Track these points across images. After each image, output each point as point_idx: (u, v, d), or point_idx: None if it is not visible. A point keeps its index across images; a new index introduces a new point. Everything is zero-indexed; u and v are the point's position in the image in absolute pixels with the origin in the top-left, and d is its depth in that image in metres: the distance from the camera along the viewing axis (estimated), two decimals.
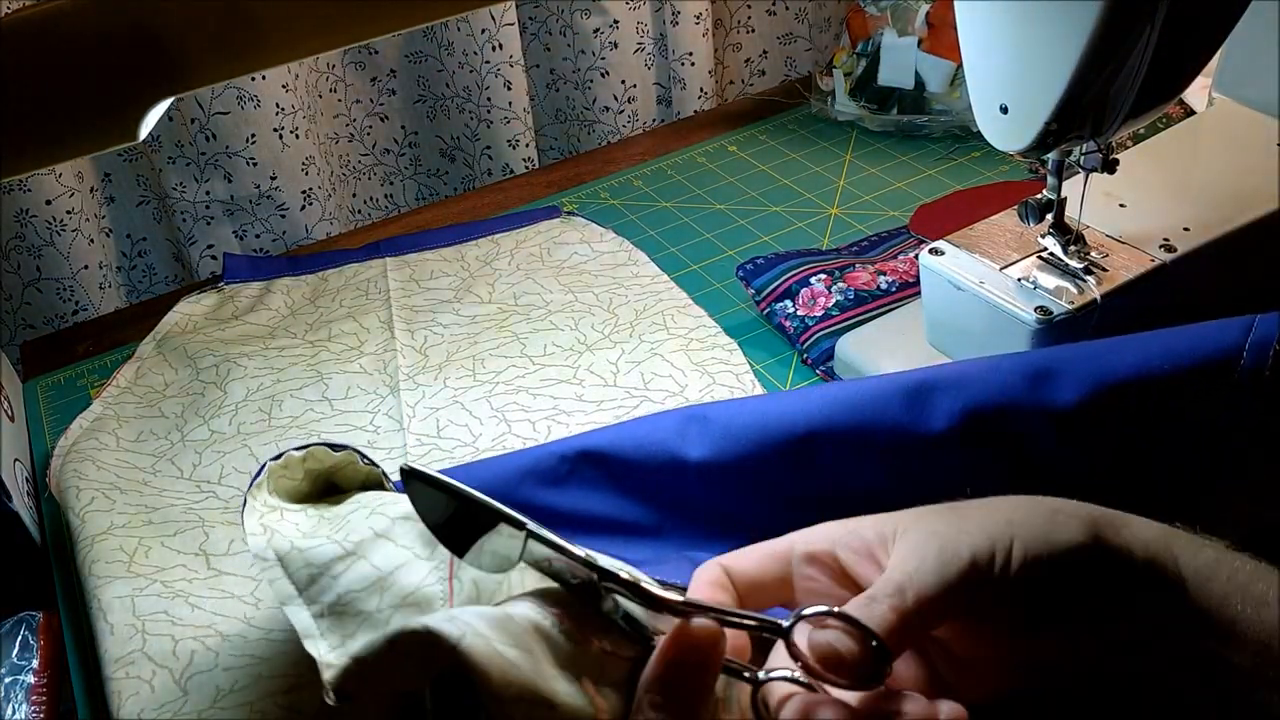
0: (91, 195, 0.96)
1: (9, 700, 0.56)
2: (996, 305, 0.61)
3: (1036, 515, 0.39)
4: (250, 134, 0.95)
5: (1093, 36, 0.51)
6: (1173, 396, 0.51)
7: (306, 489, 0.54)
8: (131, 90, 0.46)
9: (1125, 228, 0.64)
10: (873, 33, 0.97)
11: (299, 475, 0.53)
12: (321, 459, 0.53)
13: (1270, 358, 0.50)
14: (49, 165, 0.85)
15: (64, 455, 0.71)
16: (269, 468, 0.51)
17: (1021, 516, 0.39)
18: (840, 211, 0.90)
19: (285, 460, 0.52)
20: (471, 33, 1.03)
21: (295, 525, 0.50)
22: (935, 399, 0.53)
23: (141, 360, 0.80)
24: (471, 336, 0.78)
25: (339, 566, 0.46)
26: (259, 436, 0.71)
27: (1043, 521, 0.38)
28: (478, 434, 0.69)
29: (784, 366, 0.74)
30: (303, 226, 1.01)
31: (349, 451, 0.53)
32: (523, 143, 1.08)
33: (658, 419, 0.58)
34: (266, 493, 0.52)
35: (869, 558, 0.41)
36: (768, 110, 1.05)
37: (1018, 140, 0.58)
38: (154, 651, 0.55)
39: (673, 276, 0.83)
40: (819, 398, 0.55)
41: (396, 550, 0.47)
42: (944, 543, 0.38)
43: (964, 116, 0.95)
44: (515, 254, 0.87)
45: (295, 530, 0.49)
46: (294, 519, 0.51)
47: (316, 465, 0.54)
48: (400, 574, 0.46)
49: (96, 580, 0.60)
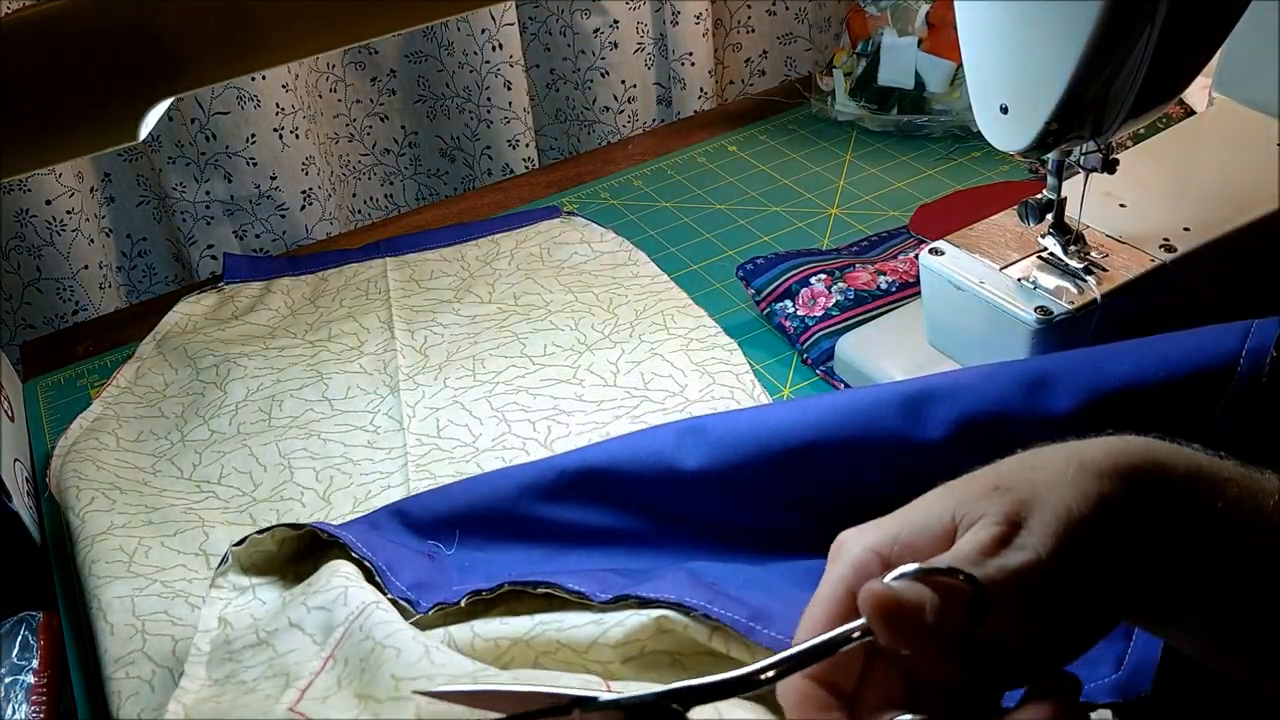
0: (91, 195, 0.96)
1: (9, 700, 0.56)
2: (996, 305, 0.61)
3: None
4: (250, 134, 0.95)
5: (1093, 36, 0.51)
6: (1169, 404, 0.51)
7: (288, 552, 0.58)
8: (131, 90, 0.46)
9: (1125, 228, 0.64)
10: (873, 33, 0.97)
11: (270, 547, 0.58)
12: (288, 533, 0.58)
13: (1267, 364, 0.50)
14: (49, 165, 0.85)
15: (64, 455, 0.71)
16: (233, 552, 0.56)
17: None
18: (840, 211, 0.90)
19: (251, 541, 0.56)
20: (471, 33, 1.03)
21: (251, 614, 0.54)
22: (932, 408, 0.53)
23: (141, 360, 0.80)
24: (471, 336, 0.78)
25: (248, 655, 0.52)
26: (259, 436, 0.71)
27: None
28: (478, 434, 0.69)
29: (784, 366, 0.74)
30: (303, 226, 1.01)
31: (309, 529, 0.57)
32: (523, 143, 1.08)
33: (655, 431, 0.59)
34: (236, 574, 0.57)
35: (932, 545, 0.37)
36: (768, 110, 1.05)
37: (1018, 140, 0.58)
38: (154, 651, 0.55)
39: (673, 276, 0.83)
40: (816, 407, 0.55)
41: (300, 638, 0.51)
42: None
43: (964, 116, 0.95)
44: (515, 254, 0.87)
45: (249, 619, 0.54)
46: (265, 596, 0.56)
47: (286, 535, 0.58)
48: (289, 657, 0.50)
49: (96, 580, 0.60)
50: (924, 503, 0.38)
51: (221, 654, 0.52)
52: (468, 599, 0.53)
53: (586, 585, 0.52)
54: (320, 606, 0.52)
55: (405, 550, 0.57)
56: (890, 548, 0.37)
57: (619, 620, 0.50)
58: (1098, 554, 0.35)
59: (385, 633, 0.49)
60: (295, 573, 0.57)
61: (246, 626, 0.53)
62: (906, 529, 0.37)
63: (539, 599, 0.53)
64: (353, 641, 0.50)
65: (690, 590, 0.50)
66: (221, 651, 0.52)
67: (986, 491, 0.37)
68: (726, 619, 0.49)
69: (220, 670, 0.51)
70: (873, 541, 0.37)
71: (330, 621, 0.51)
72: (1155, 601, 0.37)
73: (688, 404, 0.69)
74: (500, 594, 0.53)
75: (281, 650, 0.51)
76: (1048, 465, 0.37)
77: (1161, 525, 0.36)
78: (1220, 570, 0.36)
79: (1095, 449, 0.37)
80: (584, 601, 0.51)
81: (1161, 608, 0.37)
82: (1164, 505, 0.36)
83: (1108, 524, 0.35)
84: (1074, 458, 0.37)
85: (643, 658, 0.50)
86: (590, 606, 0.51)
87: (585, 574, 0.54)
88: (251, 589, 0.56)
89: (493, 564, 0.57)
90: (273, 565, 0.58)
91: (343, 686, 0.48)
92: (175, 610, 0.57)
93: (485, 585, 0.53)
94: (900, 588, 0.33)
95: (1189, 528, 0.36)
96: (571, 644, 0.50)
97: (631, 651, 0.49)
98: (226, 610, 0.54)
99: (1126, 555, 0.35)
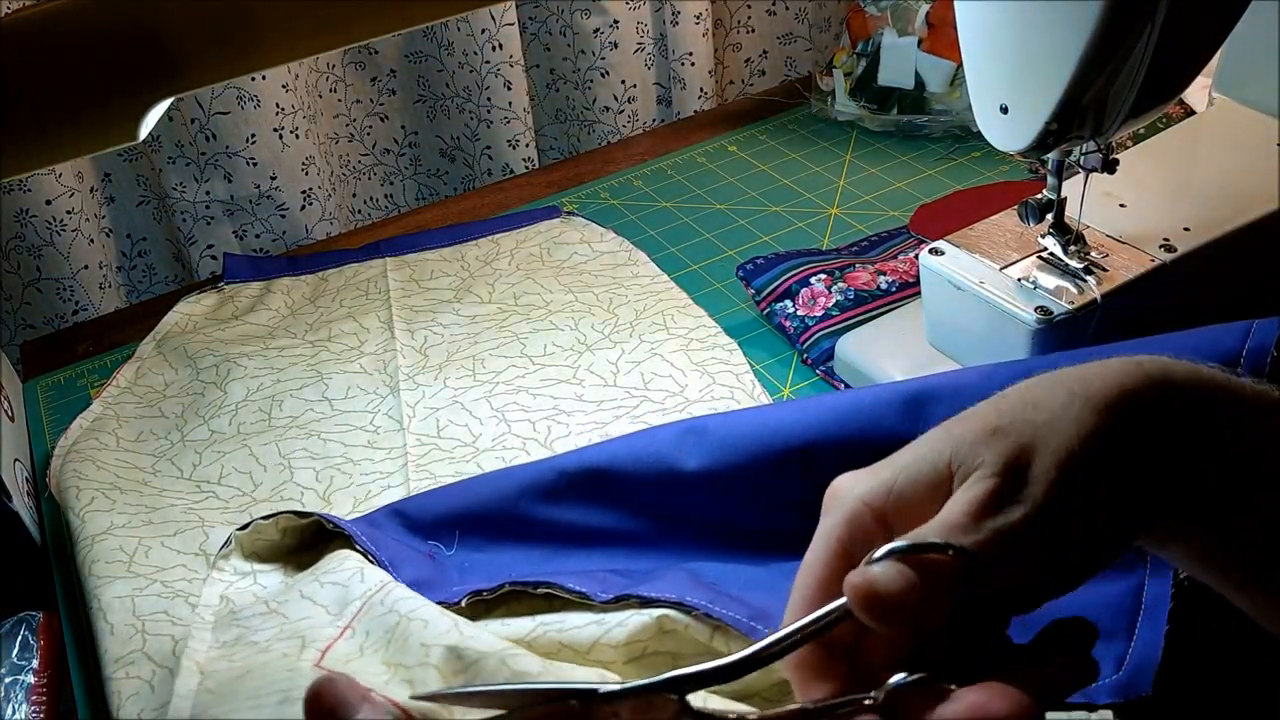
0: (91, 195, 0.96)
1: (9, 700, 0.56)
2: (996, 305, 0.61)
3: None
4: (250, 134, 0.95)
5: (1093, 36, 0.51)
6: None
7: (291, 542, 0.58)
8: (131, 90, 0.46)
9: (1125, 228, 0.64)
10: (873, 33, 0.97)
11: (273, 534, 0.57)
12: (292, 520, 0.57)
13: (1267, 364, 0.50)
14: (49, 165, 0.85)
15: (64, 455, 0.71)
16: (236, 536, 0.56)
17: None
18: (840, 211, 0.90)
19: (255, 527, 0.56)
20: (471, 33, 1.03)
21: (255, 594, 0.54)
22: (931, 408, 0.53)
23: (141, 360, 0.80)
24: (471, 336, 0.78)
25: (256, 622, 0.51)
26: (259, 436, 0.71)
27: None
28: (478, 434, 0.69)
29: (784, 366, 0.74)
30: (303, 226, 1.01)
31: (315, 518, 0.56)
32: (523, 143, 1.08)
33: (655, 432, 0.59)
34: (239, 558, 0.56)
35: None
36: (768, 110, 1.05)
37: (1018, 140, 0.58)
38: (154, 651, 0.55)
39: (673, 276, 0.83)
40: (816, 408, 0.55)
41: (313, 608, 0.51)
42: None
43: (964, 116, 0.95)
44: (515, 254, 0.87)
45: (252, 598, 0.54)
46: (267, 582, 0.55)
47: (290, 523, 0.57)
48: (303, 622, 0.50)
49: (96, 580, 0.60)
50: (921, 445, 0.37)
51: (227, 621, 0.52)
52: (468, 599, 0.53)
53: (587, 585, 0.52)
54: (334, 582, 0.52)
55: (406, 549, 0.57)
56: (885, 499, 0.36)
57: (620, 620, 0.50)
58: (1095, 486, 0.34)
59: (409, 606, 0.50)
60: (297, 562, 0.57)
61: (251, 602, 0.53)
62: (903, 476, 0.36)
63: (539, 599, 0.53)
64: (373, 615, 0.50)
65: (691, 590, 0.50)
66: (227, 619, 0.52)
67: (985, 435, 0.35)
68: (728, 619, 0.49)
69: (227, 633, 0.51)
70: (866, 492, 0.36)
71: (345, 596, 0.51)
72: (1167, 518, 0.35)
73: (688, 404, 0.69)
74: (501, 594, 0.53)
75: (294, 617, 0.51)
76: (1049, 402, 0.35)
77: (1168, 443, 0.35)
78: (1235, 485, 0.35)
79: (1100, 380, 0.35)
80: (585, 602, 0.51)
81: (1172, 525, 0.36)
82: (1170, 423, 0.35)
83: (1107, 455, 0.34)
84: (1078, 392, 0.35)
85: (645, 658, 0.49)
86: (591, 607, 0.51)
87: (586, 574, 0.54)
88: (253, 574, 0.56)
89: (493, 564, 0.57)
90: (275, 554, 0.58)
91: (365, 654, 0.48)
92: (175, 610, 0.57)
93: (486, 585, 0.53)
94: (881, 578, 0.32)
95: (1201, 442, 0.35)
96: (573, 645, 0.50)
97: (634, 652, 0.49)
98: (228, 590, 0.55)
99: (1128, 480, 0.34)
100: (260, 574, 0.56)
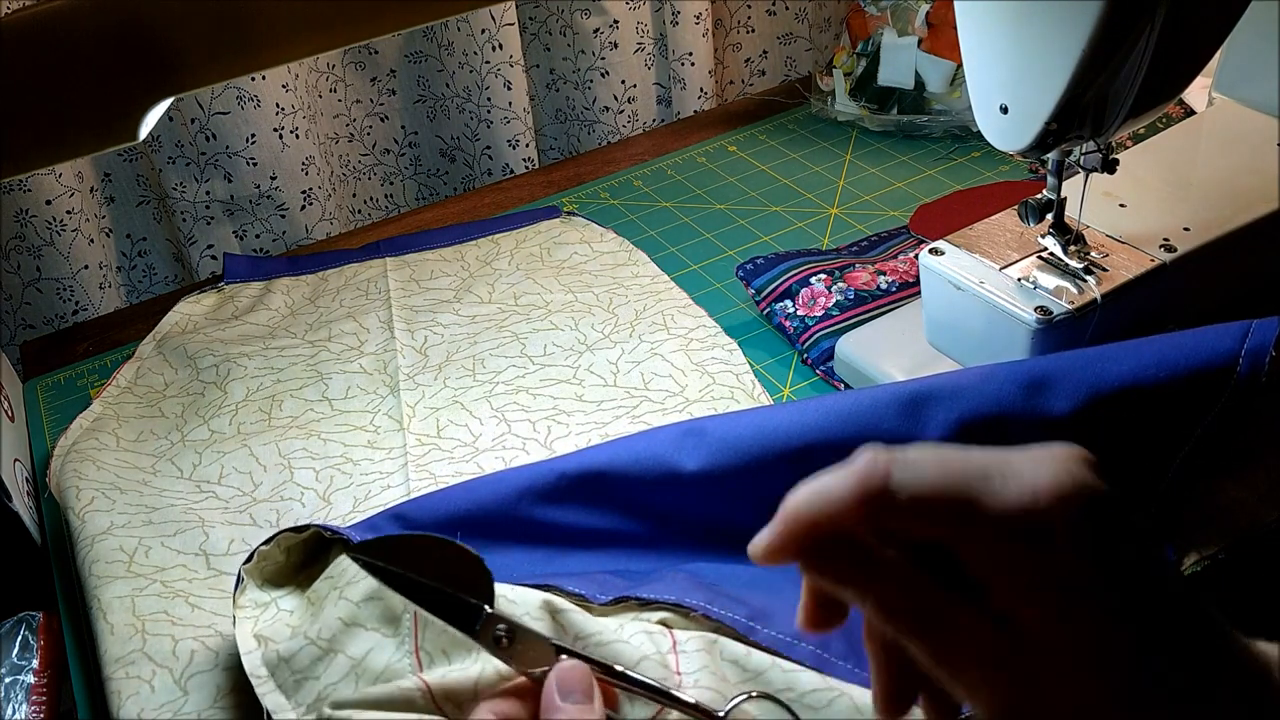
0: (91, 195, 0.96)
1: (9, 700, 0.56)
2: (996, 305, 0.61)
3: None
4: (250, 134, 0.95)
5: (1093, 36, 0.51)
6: (1168, 404, 0.51)
7: (296, 560, 0.58)
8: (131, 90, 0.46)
9: (1125, 228, 0.64)
10: (873, 33, 0.97)
11: (278, 556, 0.57)
12: (292, 538, 0.57)
13: (1267, 364, 0.50)
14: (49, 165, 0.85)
15: (64, 455, 0.71)
16: (245, 570, 0.55)
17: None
18: (840, 211, 0.90)
19: (259, 554, 0.55)
20: (471, 33, 1.03)
21: (285, 623, 0.53)
22: (931, 409, 0.53)
23: (141, 360, 0.80)
24: (471, 336, 0.78)
25: (319, 668, 0.50)
26: (259, 436, 0.71)
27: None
28: (478, 434, 0.69)
29: (784, 366, 0.74)
30: (303, 226, 1.01)
31: (313, 530, 0.56)
32: (523, 143, 1.08)
33: (654, 434, 0.58)
34: (255, 589, 0.55)
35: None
36: (768, 110, 1.05)
37: (1018, 140, 0.58)
38: (154, 651, 0.55)
39: (673, 276, 0.83)
40: (816, 409, 0.55)
41: (366, 635, 0.50)
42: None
43: (964, 116, 0.95)
44: (515, 254, 0.87)
45: (286, 629, 0.53)
46: (288, 605, 0.54)
47: (291, 541, 0.57)
48: (371, 658, 0.49)
49: (96, 580, 0.60)
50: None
51: (289, 678, 0.50)
52: None
53: (586, 587, 0.52)
54: (369, 597, 0.51)
55: None
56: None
57: (619, 625, 0.50)
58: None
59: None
60: (308, 575, 0.57)
61: (289, 639, 0.52)
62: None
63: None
64: (433, 630, 0.49)
65: (690, 591, 0.50)
66: (286, 675, 0.50)
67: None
68: (726, 619, 0.49)
69: (306, 694, 0.50)
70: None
71: (386, 611, 0.50)
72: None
73: (688, 404, 0.69)
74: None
75: (358, 655, 0.49)
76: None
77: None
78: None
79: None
80: (584, 604, 0.51)
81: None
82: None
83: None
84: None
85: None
86: (590, 609, 0.51)
87: (585, 576, 0.54)
88: (273, 602, 0.55)
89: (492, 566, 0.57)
90: (284, 576, 0.57)
91: (437, 665, 0.48)
92: (175, 610, 0.57)
93: None
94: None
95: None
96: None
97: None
98: (258, 628, 0.53)
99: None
100: (279, 599, 0.55)
